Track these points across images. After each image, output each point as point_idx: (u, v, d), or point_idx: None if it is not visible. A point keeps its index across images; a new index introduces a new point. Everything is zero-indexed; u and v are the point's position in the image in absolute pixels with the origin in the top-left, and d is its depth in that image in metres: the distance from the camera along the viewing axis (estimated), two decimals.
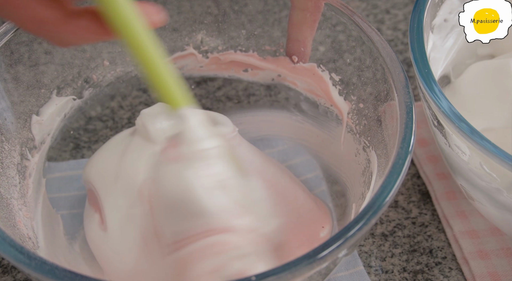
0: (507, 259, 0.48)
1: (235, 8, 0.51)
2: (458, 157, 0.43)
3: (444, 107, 0.41)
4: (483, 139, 0.39)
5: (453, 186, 0.52)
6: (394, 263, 0.49)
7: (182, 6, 0.51)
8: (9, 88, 0.46)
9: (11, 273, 0.48)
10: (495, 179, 0.41)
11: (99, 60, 0.51)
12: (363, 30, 0.46)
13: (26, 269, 0.34)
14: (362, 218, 0.35)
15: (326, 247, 0.34)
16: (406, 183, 0.53)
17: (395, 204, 0.52)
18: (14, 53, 0.46)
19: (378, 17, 0.66)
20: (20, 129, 0.47)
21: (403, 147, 0.38)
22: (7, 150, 0.45)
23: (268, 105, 0.56)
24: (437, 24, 0.49)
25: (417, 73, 0.43)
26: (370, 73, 0.46)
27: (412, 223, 0.51)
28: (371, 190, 0.42)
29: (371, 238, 0.50)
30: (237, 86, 0.58)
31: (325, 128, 0.52)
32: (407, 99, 0.41)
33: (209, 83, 0.57)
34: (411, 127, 0.39)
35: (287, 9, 0.50)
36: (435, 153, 0.54)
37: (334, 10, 0.47)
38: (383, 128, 0.43)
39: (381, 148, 0.43)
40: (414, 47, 0.44)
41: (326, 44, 0.49)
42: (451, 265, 0.49)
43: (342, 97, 0.49)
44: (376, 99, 0.45)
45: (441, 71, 0.51)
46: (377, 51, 0.44)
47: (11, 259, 0.35)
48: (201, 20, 0.52)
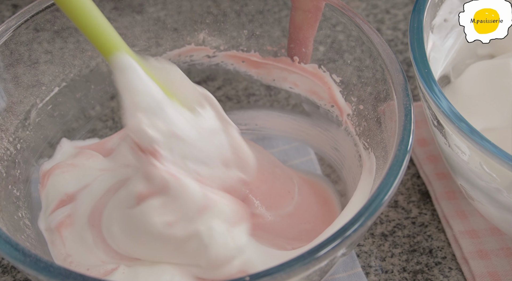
0: (507, 259, 0.48)
1: (235, 8, 0.51)
2: (458, 157, 0.43)
3: (444, 107, 0.41)
4: (483, 139, 0.39)
5: (453, 186, 0.52)
6: (394, 263, 0.49)
7: (182, 6, 0.51)
8: (8, 88, 0.46)
9: (11, 273, 0.48)
10: (495, 179, 0.41)
11: (99, 59, 0.51)
12: (363, 30, 0.46)
13: (21, 266, 0.34)
14: (359, 219, 0.35)
15: (323, 246, 0.34)
16: (406, 183, 0.53)
17: (395, 204, 0.52)
18: (13, 53, 0.46)
19: (378, 17, 0.66)
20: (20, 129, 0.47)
21: (400, 149, 0.38)
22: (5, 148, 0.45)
23: (268, 105, 0.56)
24: (437, 24, 0.49)
25: (417, 73, 0.43)
26: (370, 73, 0.46)
27: (412, 223, 0.51)
28: (370, 190, 0.42)
29: (371, 238, 0.50)
30: (237, 86, 0.58)
31: (325, 128, 0.52)
32: (406, 101, 0.41)
33: (209, 83, 0.57)
34: (409, 129, 0.39)
35: (287, 9, 0.50)
36: (435, 153, 0.54)
37: (334, 10, 0.47)
38: (382, 129, 0.44)
39: (380, 149, 0.43)
40: (414, 47, 0.44)
41: (326, 44, 0.50)
42: (451, 265, 0.49)
43: (343, 98, 0.49)
44: (376, 99, 0.45)
45: (441, 71, 0.51)
46: (377, 52, 0.44)
47: (7, 256, 0.35)
48: (202, 20, 0.52)
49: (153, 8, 0.51)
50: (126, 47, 0.40)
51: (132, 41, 0.51)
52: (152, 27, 0.51)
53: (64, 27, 0.49)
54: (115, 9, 0.50)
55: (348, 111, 0.48)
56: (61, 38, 0.49)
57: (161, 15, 0.51)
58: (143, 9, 0.51)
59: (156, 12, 0.51)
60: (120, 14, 0.50)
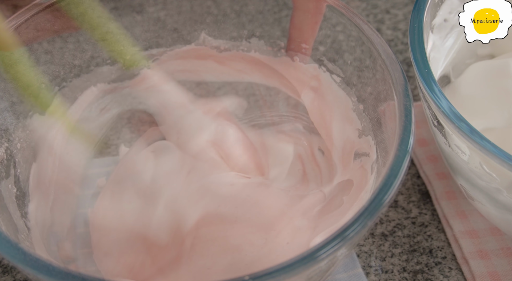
0: (507, 259, 0.48)
1: (235, 8, 0.51)
2: (458, 157, 0.43)
3: (444, 107, 0.41)
4: (483, 139, 0.39)
5: (453, 186, 0.52)
6: (394, 263, 0.49)
7: (182, 6, 0.51)
8: (8, 88, 0.46)
9: (11, 273, 0.48)
10: (495, 179, 0.41)
11: (99, 59, 0.51)
12: (363, 31, 0.46)
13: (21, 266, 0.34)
14: (359, 219, 0.35)
15: (323, 247, 0.34)
16: (406, 183, 0.53)
17: (395, 204, 0.52)
18: (13, 52, 0.46)
19: (378, 17, 0.66)
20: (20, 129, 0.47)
21: (401, 149, 0.38)
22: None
23: (268, 105, 0.56)
24: (437, 24, 0.49)
25: (417, 73, 0.43)
26: (370, 73, 0.46)
27: (412, 223, 0.51)
28: (370, 191, 0.42)
29: (371, 238, 0.50)
30: (237, 86, 0.58)
31: None
32: (406, 102, 0.41)
33: (209, 83, 0.57)
34: (410, 129, 0.39)
35: (287, 9, 0.50)
36: (435, 153, 0.54)
37: (334, 10, 0.47)
38: (383, 130, 0.43)
39: (380, 149, 0.43)
40: (414, 47, 0.44)
41: (326, 44, 0.49)
42: (451, 265, 0.49)
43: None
44: (376, 99, 0.45)
45: (441, 71, 0.51)
46: (377, 52, 0.44)
47: (6, 256, 0.35)
48: (202, 20, 0.52)
49: (153, 8, 0.51)
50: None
51: (132, 41, 0.51)
52: (152, 27, 0.51)
53: (64, 27, 0.49)
54: (115, 9, 0.50)
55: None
56: (61, 38, 0.49)
57: (161, 15, 0.51)
58: (143, 9, 0.51)
59: (156, 12, 0.51)
60: (120, 14, 0.50)
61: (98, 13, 0.45)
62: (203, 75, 0.54)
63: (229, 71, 0.53)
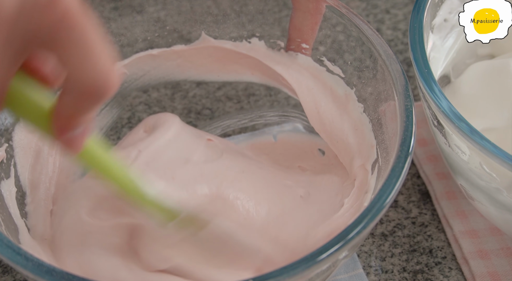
0: (507, 259, 0.48)
1: (235, 8, 0.51)
2: (458, 157, 0.43)
3: (444, 107, 0.41)
4: (483, 139, 0.39)
5: (453, 186, 0.52)
6: (394, 263, 0.49)
7: (182, 6, 0.51)
8: None
9: (11, 273, 0.48)
10: (495, 179, 0.41)
11: None
12: (363, 31, 0.46)
13: (24, 271, 0.34)
14: (362, 221, 0.35)
15: (326, 249, 0.34)
16: (406, 183, 0.53)
17: (395, 204, 0.52)
18: None
19: (378, 17, 0.66)
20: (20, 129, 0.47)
21: (402, 150, 0.38)
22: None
23: (268, 105, 0.56)
24: (437, 24, 0.49)
25: (417, 73, 0.43)
26: (370, 74, 0.46)
27: (412, 223, 0.51)
28: (371, 192, 0.42)
29: (371, 238, 0.50)
30: (237, 86, 0.58)
31: None
32: (407, 102, 0.41)
33: (209, 83, 0.57)
34: (411, 130, 0.39)
35: (287, 9, 0.50)
36: (435, 153, 0.54)
37: (334, 11, 0.47)
38: (383, 130, 0.44)
39: (381, 150, 0.43)
40: (414, 47, 0.44)
41: (326, 44, 0.49)
42: (451, 265, 0.49)
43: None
44: (376, 99, 0.45)
45: (441, 71, 0.51)
46: (377, 52, 0.44)
47: (9, 261, 0.35)
48: (202, 20, 0.52)
49: (153, 8, 0.51)
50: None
51: (132, 41, 0.51)
52: (152, 27, 0.51)
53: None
54: (115, 9, 0.50)
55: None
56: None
57: (161, 15, 0.51)
58: (143, 9, 0.51)
59: (156, 12, 0.51)
60: (120, 14, 0.50)
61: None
62: (203, 75, 0.54)
63: (229, 71, 0.53)
